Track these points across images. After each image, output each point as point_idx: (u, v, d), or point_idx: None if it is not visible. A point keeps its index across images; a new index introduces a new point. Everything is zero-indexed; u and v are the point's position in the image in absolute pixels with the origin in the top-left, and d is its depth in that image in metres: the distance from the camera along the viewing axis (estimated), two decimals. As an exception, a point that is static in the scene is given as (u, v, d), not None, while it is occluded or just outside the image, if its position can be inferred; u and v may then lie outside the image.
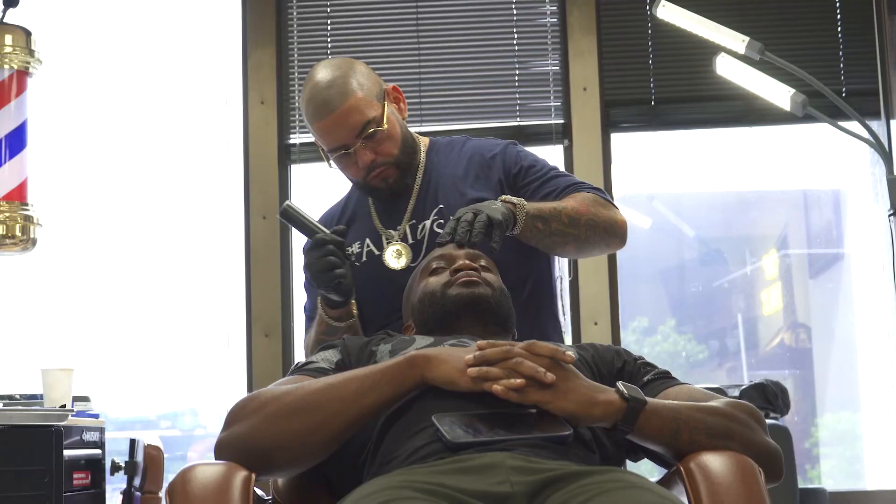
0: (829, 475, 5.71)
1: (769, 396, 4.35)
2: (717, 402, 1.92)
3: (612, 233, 2.57)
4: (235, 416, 1.91)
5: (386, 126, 2.57)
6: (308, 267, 2.49)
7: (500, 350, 1.85)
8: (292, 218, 2.56)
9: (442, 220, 2.60)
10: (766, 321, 6.13)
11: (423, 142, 2.76)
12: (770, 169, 5.68)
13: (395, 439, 1.89)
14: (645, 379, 2.07)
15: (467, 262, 2.28)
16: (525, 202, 2.45)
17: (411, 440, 1.85)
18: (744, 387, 4.40)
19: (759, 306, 6.20)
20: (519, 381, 1.81)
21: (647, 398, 1.86)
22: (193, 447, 6.22)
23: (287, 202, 2.58)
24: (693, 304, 6.33)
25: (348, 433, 1.89)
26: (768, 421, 2.43)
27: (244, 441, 1.87)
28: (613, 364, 2.12)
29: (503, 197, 2.46)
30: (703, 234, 6.25)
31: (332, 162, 2.63)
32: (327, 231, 2.52)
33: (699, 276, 6.26)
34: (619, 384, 1.87)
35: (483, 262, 2.32)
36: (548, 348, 1.86)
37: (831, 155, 5.38)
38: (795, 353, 5.96)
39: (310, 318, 2.73)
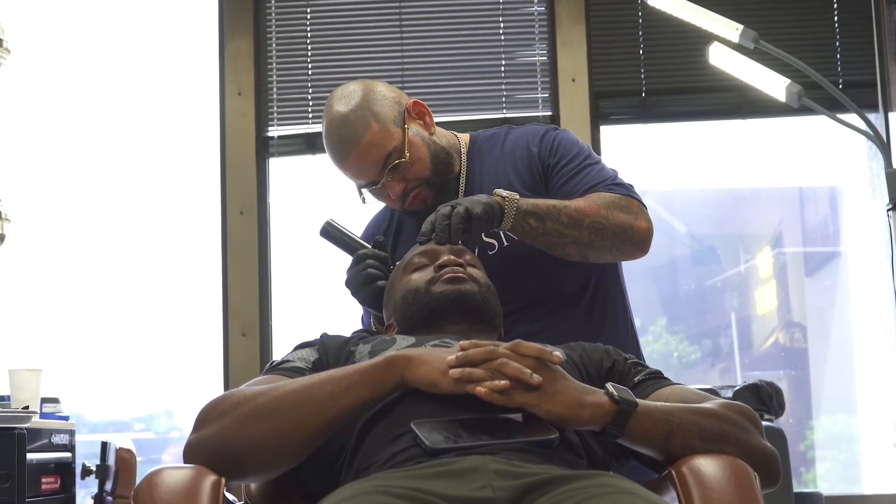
0: (824, 479, 5.76)
1: (763, 398, 4.42)
2: (711, 403, 1.88)
3: (624, 239, 2.45)
4: (205, 418, 1.84)
5: (409, 153, 2.50)
6: (348, 283, 2.46)
7: (484, 350, 1.79)
8: (333, 236, 2.51)
9: None
10: (761, 320, 6.18)
11: (464, 139, 2.69)
12: (765, 165, 5.71)
13: (374, 444, 1.83)
14: (636, 379, 2.02)
15: (452, 257, 2.23)
16: (517, 196, 2.37)
17: (390, 445, 1.80)
18: (737, 388, 4.46)
19: (753, 305, 6.26)
20: (503, 382, 1.76)
21: (638, 400, 1.82)
22: (168, 450, 6.28)
23: (329, 219, 2.52)
24: (685, 302, 6.39)
25: (324, 436, 1.83)
26: (762, 423, 2.42)
27: (214, 444, 1.80)
28: (602, 364, 2.07)
29: (496, 190, 2.39)
30: (695, 231, 6.29)
31: (364, 197, 2.57)
32: (368, 246, 2.48)
33: (691, 274, 6.31)
34: (609, 385, 1.82)
35: (468, 257, 2.27)
36: (534, 348, 1.81)
37: (827, 150, 5.45)
38: (790, 353, 6.01)
39: None
